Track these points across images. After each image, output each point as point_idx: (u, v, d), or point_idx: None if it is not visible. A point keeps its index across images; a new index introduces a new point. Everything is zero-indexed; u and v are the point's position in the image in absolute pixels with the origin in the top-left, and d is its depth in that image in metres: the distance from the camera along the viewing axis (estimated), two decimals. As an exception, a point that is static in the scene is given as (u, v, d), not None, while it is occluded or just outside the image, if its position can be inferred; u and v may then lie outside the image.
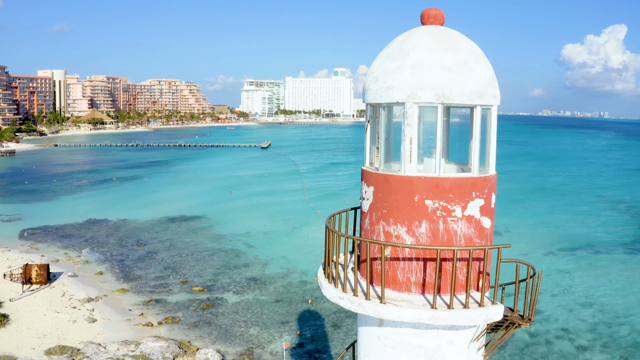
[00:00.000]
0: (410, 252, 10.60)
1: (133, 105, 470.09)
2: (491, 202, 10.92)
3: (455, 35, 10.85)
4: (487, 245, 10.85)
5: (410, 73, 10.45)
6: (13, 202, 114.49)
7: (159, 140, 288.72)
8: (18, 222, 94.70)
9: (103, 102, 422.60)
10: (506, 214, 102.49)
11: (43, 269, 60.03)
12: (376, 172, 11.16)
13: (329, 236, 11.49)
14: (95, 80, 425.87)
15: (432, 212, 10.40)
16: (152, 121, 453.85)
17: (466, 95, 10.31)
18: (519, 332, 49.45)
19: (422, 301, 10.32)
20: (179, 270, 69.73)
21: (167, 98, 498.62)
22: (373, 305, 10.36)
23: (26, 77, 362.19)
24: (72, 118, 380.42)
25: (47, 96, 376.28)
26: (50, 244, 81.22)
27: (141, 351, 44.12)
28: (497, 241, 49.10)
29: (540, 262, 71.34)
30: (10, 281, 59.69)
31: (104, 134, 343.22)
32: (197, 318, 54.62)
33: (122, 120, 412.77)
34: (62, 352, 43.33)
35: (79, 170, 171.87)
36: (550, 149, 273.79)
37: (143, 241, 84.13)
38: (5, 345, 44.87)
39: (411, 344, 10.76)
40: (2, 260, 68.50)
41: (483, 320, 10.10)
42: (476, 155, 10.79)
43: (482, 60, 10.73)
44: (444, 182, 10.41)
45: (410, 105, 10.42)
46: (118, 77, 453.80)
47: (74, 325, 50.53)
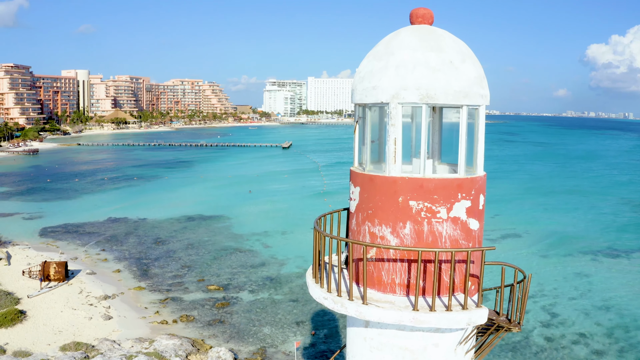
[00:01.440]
0: (395, 253, 10.52)
1: (156, 105, 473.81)
2: (479, 204, 10.78)
3: (442, 34, 10.74)
4: (475, 247, 10.71)
5: (394, 73, 10.37)
6: (35, 201, 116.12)
7: (180, 140, 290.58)
8: (39, 220, 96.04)
9: (126, 101, 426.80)
10: (524, 214, 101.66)
11: (61, 267, 60.72)
12: (362, 172, 11.10)
13: (315, 236, 11.46)
14: (118, 80, 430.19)
15: (417, 213, 10.31)
16: (174, 121, 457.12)
17: (451, 95, 10.20)
18: (534, 337, 48.96)
19: (406, 303, 10.24)
20: (196, 269, 70.08)
21: (189, 98, 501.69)
22: (355, 306, 10.30)
23: (50, 77, 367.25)
24: (95, 117, 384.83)
25: (70, 96, 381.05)
26: (70, 241, 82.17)
27: (155, 349, 44.42)
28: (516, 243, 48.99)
29: (559, 265, 70.63)
30: (29, 278, 60.48)
31: (127, 134, 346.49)
32: (212, 317, 54.85)
33: (145, 120, 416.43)
34: (77, 348, 43.78)
35: (101, 169, 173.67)
36: (574, 150, 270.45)
37: (161, 240, 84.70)
38: (21, 341, 45.48)
39: (396, 345, 10.68)
40: (21, 257, 69.44)
41: (466, 323, 9.97)
42: (463, 156, 10.66)
43: (469, 60, 10.59)
44: (429, 183, 10.31)
45: (394, 106, 10.34)
46: (141, 77, 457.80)
47: (90, 322, 51.04)
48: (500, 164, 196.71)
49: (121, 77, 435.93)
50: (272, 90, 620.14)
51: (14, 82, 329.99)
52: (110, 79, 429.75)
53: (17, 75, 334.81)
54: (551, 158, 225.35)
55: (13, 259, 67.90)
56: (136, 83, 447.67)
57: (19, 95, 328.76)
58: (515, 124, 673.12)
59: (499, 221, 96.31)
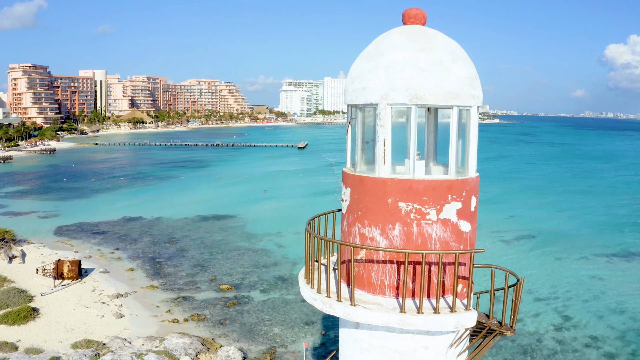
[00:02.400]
0: (384, 255, 10.48)
1: (173, 105, 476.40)
2: (471, 206, 10.70)
3: (434, 35, 10.66)
4: (467, 249, 10.62)
5: (383, 74, 10.33)
6: (51, 199, 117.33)
7: (197, 140, 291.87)
8: (54, 219, 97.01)
9: (143, 101, 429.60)
10: (538, 215, 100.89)
11: (75, 265, 61.24)
12: (353, 173, 11.08)
13: (307, 237, 11.46)
14: (135, 80, 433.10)
15: (406, 214, 10.25)
16: (191, 121, 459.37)
17: (441, 96, 10.13)
18: (546, 339, 48.56)
19: (394, 305, 10.19)
20: (209, 268, 70.36)
21: (206, 98, 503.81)
22: (343, 307, 10.28)
23: (68, 77, 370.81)
24: (112, 117, 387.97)
25: (88, 96, 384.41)
26: (85, 240, 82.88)
27: (165, 347, 44.66)
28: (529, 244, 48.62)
29: (572, 267, 70.01)
30: (43, 276, 61.10)
31: (144, 133, 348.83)
32: (223, 316, 55.03)
33: (161, 120, 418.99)
34: (88, 346, 44.15)
35: (117, 168, 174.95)
36: (591, 150, 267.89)
37: (175, 239, 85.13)
38: (34, 338, 45.95)
39: (386, 347, 10.64)
40: (36, 255, 70.16)
41: (454, 326, 9.90)
42: (453, 157, 10.58)
43: (460, 60, 10.51)
44: (418, 185, 10.25)
45: (384, 107, 10.30)
46: (158, 77, 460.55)
47: (102, 320, 51.44)
48: (515, 164, 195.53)
49: (138, 77, 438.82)
50: (289, 90, 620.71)
51: (31, 82, 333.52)
52: (127, 79, 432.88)
53: (35, 75, 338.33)
54: (567, 159, 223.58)
55: (27, 257, 68.62)
56: (153, 83, 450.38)
57: (36, 95, 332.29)
58: (532, 124, 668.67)
59: (514, 222, 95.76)
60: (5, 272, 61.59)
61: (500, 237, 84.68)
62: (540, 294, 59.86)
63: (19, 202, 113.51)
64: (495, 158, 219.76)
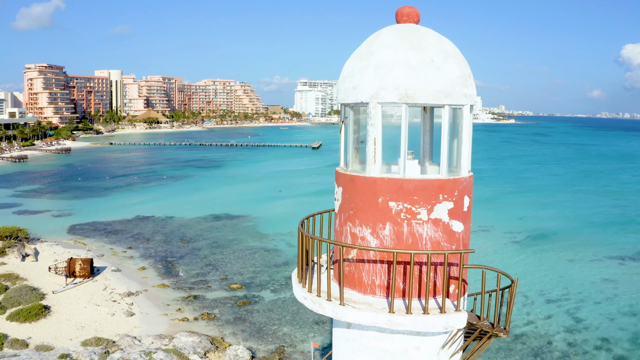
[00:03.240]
0: (374, 255, 10.43)
1: (188, 105, 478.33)
2: (463, 205, 10.60)
3: (426, 33, 10.57)
4: (459, 250, 10.52)
5: (373, 73, 10.28)
6: (65, 198, 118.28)
7: (211, 140, 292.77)
8: (68, 218, 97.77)
9: (158, 101, 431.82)
10: (552, 217, 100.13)
11: (87, 263, 61.63)
12: (345, 172, 11.04)
13: (299, 237, 11.44)
14: (151, 80, 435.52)
15: (396, 214, 10.19)
16: (206, 121, 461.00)
17: (431, 95, 10.05)
18: (556, 341, 48.16)
19: (384, 305, 10.13)
20: (220, 268, 70.52)
21: (221, 98, 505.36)
22: (332, 306, 10.25)
23: (83, 77, 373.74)
24: (128, 117, 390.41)
25: (104, 95, 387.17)
26: (97, 239, 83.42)
27: (174, 345, 44.81)
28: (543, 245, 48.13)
29: (586, 269, 69.37)
30: (55, 274, 61.55)
31: (159, 133, 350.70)
32: (233, 315, 55.14)
33: (177, 120, 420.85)
34: (98, 343, 44.41)
35: (132, 168, 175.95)
36: (607, 151, 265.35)
37: (187, 238, 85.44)
38: (44, 335, 46.32)
39: (377, 347, 10.58)
40: (49, 254, 70.70)
41: (443, 327, 9.82)
42: (445, 157, 10.50)
43: (452, 59, 10.41)
44: (408, 184, 10.18)
45: (374, 105, 10.25)
46: (173, 77, 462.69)
47: (112, 318, 51.74)
48: (527, 164, 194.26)
49: (153, 77, 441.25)
50: (304, 90, 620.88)
51: (47, 82, 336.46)
52: (142, 79, 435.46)
53: (51, 75, 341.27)
54: (581, 159, 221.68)
55: (40, 256, 69.19)
56: (168, 83, 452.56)
57: (52, 95, 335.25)
58: (548, 124, 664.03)
59: (525, 223, 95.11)
60: (18, 270, 62.14)
61: (512, 238, 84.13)
62: (552, 296, 59.40)
63: (33, 201, 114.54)
64: (507, 158, 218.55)
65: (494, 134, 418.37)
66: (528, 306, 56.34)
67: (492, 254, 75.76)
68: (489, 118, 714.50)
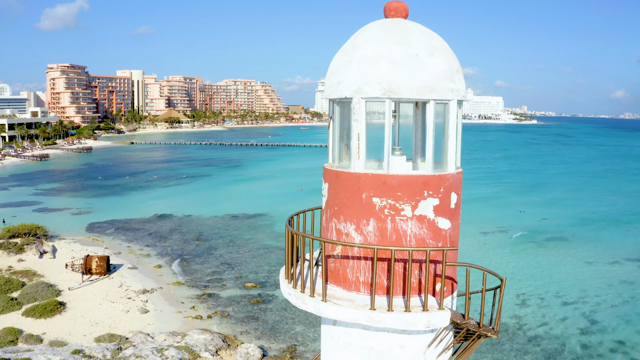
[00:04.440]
0: (359, 251, 10.33)
1: (209, 104, 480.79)
2: (450, 202, 10.44)
3: (412, 27, 10.43)
4: (441, 247, 10.35)
5: (357, 68, 10.17)
6: (85, 197, 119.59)
7: (231, 140, 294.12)
8: (87, 216, 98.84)
9: (180, 101, 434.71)
10: (571, 218, 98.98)
11: (103, 261, 62.22)
12: (331, 168, 10.98)
13: (287, 233, 11.40)
14: (172, 80, 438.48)
15: (380, 210, 10.07)
16: (227, 120, 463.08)
17: (415, 89, 9.90)
18: (571, 343, 47.58)
19: (367, 301, 10.03)
20: (235, 266, 70.76)
21: (242, 98, 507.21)
22: (314, 302, 10.18)
23: (105, 76, 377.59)
24: (149, 117, 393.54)
25: (125, 95, 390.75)
26: (115, 237, 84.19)
27: (186, 342, 45.05)
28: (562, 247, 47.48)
29: (604, 271, 68.46)
30: (72, 271, 62.20)
31: (180, 133, 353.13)
32: (246, 313, 55.29)
33: (198, 120, 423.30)
34: (111, 340, 44.78)
35: (152, 167, 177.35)
36: (630, 152, 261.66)
37: (204, 237, 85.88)
38: (59, 331, 46.84)
39: (362, 345, 10.48)
40: (67, 251, 71.49)
41: (425, 325, 9.67)
42: (430, 152, 10.35)
43: (438, 53, 10.25)
44: (392, 180, 10.05)
45: (357, 100, 10.14)
46: (195, 77, 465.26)
47: (127, 315, 52.15)
48: (550, 165, 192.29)
49: (175, 77, 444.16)
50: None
51: (69, 82, 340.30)
52: (164, 79, 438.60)
53: (73, 75, 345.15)
54: (603, 160, 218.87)
55: (58, 253, 69.98)
56: (190, 83, 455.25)
57: (74, 94, 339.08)
58: (571, 125, 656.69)
59: (545, 224, 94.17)
60: (35, 267, 62.94)
61: (531, 239, 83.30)
62: (569, 298, 58.70)
63: (53, 199, 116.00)
64: (526, 158, 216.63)
65: (515, 135, 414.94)
66: (544, 308, 55.74)
67: (509, 255, 75.15)
68: (511, 119, 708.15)
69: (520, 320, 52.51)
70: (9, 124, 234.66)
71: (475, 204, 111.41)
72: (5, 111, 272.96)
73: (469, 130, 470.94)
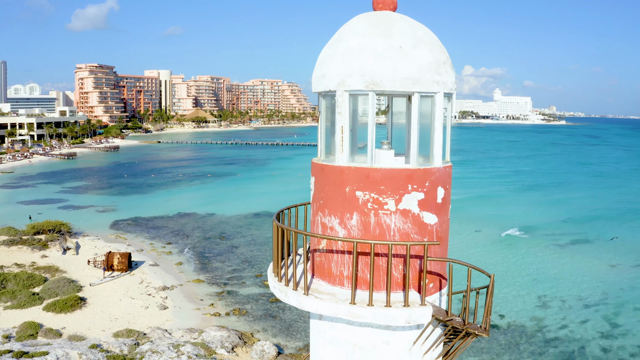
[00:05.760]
0: (342, 245, 10.25)
1: (236, 104, 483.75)
2: (437, 197, 10.29)
3: (398, 19, 10.31)
4: (422, 242, 10.18)
5: (340, 60, 10.09)
6: (110, 195, 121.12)
7: (257, 139, 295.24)
8: (112, 213, 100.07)
9: (207, 101, 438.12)
10: (595, 220, 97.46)
11: (124, 257, 62.90)
12: (317, 162, 10.93)
13: (274, 228, 11.40)
14: (199, 80, 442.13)
15: (363, 204, 9.98)
16: (253, 120, 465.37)
17: (399, 82, 9.78)
18: (591, 346, 46.78)
19: (348, 295, 9.94)
20: (256, 264, 71.00)
21: (269, 98, 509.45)
22: (296, 295, 10.13)
23: (133, 76, 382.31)
24: (176, 116, 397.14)
25: (153, 95, 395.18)
26: (138, 234, 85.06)
27: (202, 339, 45.33)
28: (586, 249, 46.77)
29: (627, 273, 67.25)
30: (94, 267, 63.00)
31: (207, 132, 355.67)
32: (264, 311, 55.44)
33: (224, 119, 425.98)
34: (129, 335, 45.24)
35: (177, 166, 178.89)
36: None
37: (226, 235, 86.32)
38: (78, 326, 47.45)
39: (346, 340, 10.39)
40: (90, 247, 72.44)
41: (405, 321, 9.54)
42: (415, 146, 10.23)
43: (423, 45, 10.11)
44: (375, 173, 9.95)
45: (341, 93, 10.06)
46: (222, 77, 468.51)
47: (146, 311, 52.63)
48: (575, 165, 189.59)
49: (202, 77, 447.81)
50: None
51: (97, 82, 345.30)
52: (191, 78, 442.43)
53: (101, 74, 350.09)
54: (633, 161, 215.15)
55: (82, 249, 70.94)
56: (217, 83, 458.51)
57: (102, 94, 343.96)
58: (600, 126, 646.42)
59: (570, 225, 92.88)
60: (58, 263, 63.88)
61: (555, 241, 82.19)
62: (591, 300, 57.73)
63: (79, 197, 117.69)
64: (551, 159, 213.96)
65: (542, 135, 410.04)
66: (565, 310, 54.94)
67: (532, 256, 74.25)
68: (539, 119, 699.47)
69: (539, 322, 51.81)
70: (38, 123, 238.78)
71: (494, 204, 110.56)
72: (34, 110, 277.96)
73: (496, 131, 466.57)
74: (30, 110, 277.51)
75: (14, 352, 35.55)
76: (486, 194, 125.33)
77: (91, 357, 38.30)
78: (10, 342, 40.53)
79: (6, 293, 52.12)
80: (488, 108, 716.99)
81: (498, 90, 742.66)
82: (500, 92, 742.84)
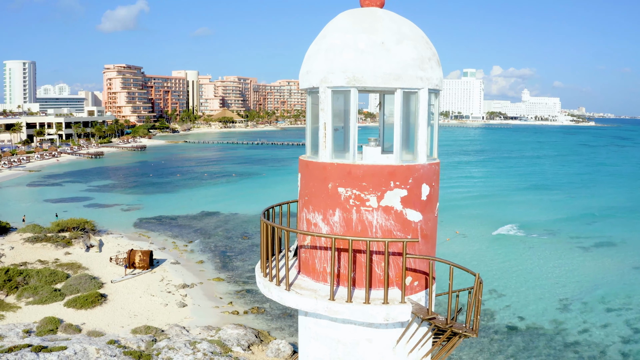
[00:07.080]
0: (325, 242, 10.27)
1: (263, 105, 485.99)
2: (420, 194, 10.24)
3: (382, 16, 10.28)
4: (401, 238, 10.12)
5: (324, 57, 10.12)
6: (135, 193, 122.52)
7: (283, 139, 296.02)
8: (136, 212, 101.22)
9: (234, 101, 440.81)
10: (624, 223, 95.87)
11: (146, 255, 63.57)
12: (303, 159, 10.98)
13: (262, 225, 11.47)
14: (226, 80, 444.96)
15: (345, 200, 9.98)
16: (280, 120, 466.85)
17: (380, 78, 9.76)
18: (610, 352, 45.99)
19: (328, 292, 9.95)
20: (276, 264, 71.15)
21: (295, 98, 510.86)
22: (278, 291, 10.18)
23: (161, 77, 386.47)
24: (203, 116, 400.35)
25: (180, 95, 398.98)
26: (161, 232, 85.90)
27: (219, 337, 45.61)
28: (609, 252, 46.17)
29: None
30: (116, 264, 63.79)
31: (233, 132, 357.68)
32: (282, 310, 55.54)
33: (251, 119, 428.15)
34: (147, 331, 45.70)
35: (203, 165, 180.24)
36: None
37: (248, 234, 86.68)
38: (98, 322, 48.11)
39: (329, 337, 10.41)
40: (113, 245, 73.33)
41: (383, 318, 9.51)
42: (398, 142, 10.21)
43: (407, 41, 10.06)
44: (357, 170, 9.95)
45: (323, 90, 10.07)
46: (249, 77, 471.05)
47: (165, 309, 53.15)
48: (602, 166, 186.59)
49: (229, 77, 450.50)
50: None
51: (125, 82, 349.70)
52: (218, 79, 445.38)
53: (129, 75, 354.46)
54: None
55: (105, 247, 71.85)
56: (244, 83, 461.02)
57: (130, 94, 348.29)
58: (630, 127, 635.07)
59: (595, 228, 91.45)
60: (81, 260, 64.82)
61: (579, 244, 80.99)
62: (613, 304, 56.75)
63: (105, 195, 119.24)
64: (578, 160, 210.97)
65: (571, 137, 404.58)
66: (586, 313, 54.13)
67: (556, 259, 73.28)
68: (568, 120, 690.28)
69: (559, 325, 51.11)
70: (66, 123, 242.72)
71: (518, 204, 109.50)
72: (63, 110, 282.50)
73: (523, 132, 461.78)
74: (58, 110, 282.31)
75: (33, 346, 36.16)
76: (502, 193, 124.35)
77: (108, 353, 38.77)
78: (30, 336, 41.25)
79: (29, 289, 53.06)
80: (516, 109, 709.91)
81: (526, 91, 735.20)
82: (529, 92, 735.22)
